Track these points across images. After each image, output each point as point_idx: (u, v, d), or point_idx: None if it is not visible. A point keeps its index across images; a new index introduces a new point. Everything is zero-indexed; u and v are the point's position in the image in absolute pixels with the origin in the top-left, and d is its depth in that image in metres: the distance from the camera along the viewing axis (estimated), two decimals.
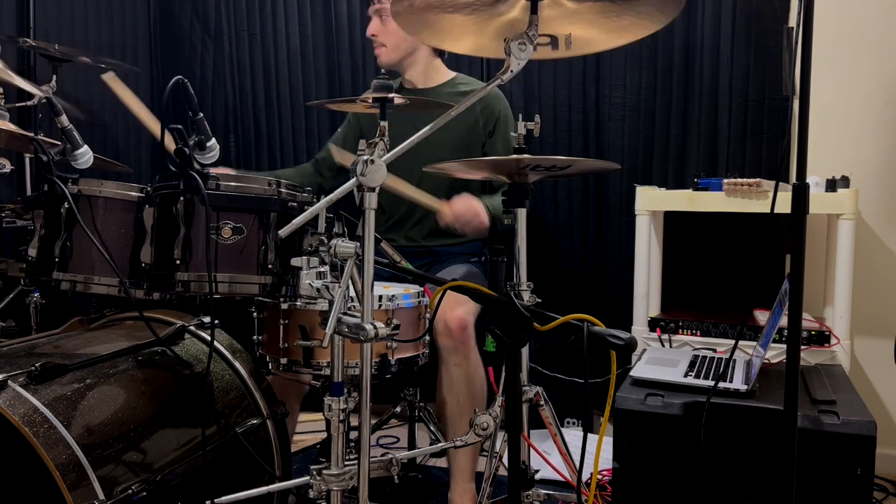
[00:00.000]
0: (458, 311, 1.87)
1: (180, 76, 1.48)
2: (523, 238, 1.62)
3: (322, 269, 1.28)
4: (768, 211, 1.41)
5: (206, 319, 1.71)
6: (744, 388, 1.63)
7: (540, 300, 1.61)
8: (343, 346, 1.34)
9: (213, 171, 1.44)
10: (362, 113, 2.37)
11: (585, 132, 2.66)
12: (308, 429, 2.57)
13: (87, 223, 1.48)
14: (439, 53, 2.36)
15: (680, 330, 2.23)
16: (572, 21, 1.32)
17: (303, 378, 1.79)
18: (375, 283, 1.33)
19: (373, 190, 1.20)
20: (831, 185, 2.10)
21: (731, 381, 1.67)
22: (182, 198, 1.42)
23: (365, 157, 1.18)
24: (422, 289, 1.79)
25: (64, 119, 1.59)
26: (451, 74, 2.39)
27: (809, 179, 1.32)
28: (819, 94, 2.29)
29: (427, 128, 1.24)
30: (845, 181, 2.13)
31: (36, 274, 1.54)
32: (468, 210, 2.03)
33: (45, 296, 2.05)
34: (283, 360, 1.68)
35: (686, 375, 1.75)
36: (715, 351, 2.09)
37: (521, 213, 1.61)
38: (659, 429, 1.63)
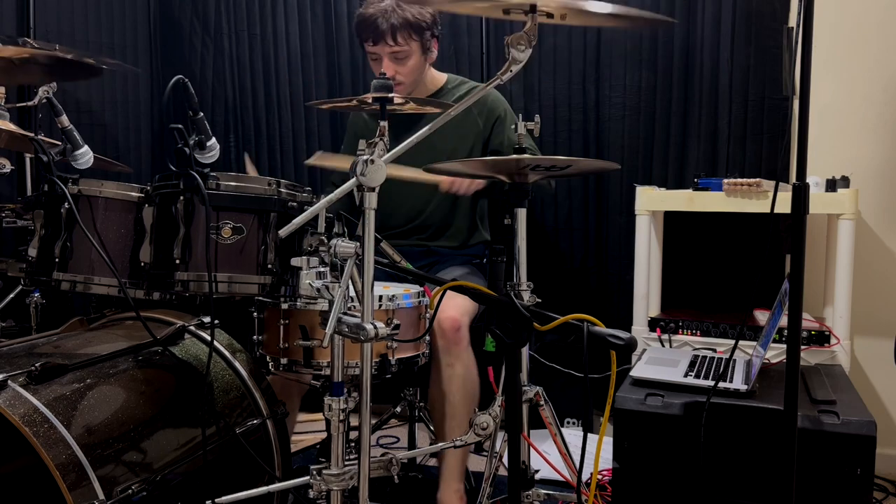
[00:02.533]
0: (451, 311, 1.86)
1: (180, 76, 1.48)
2: (523, 238, 1.62)
3: (322, 269, 1.29)
4: (768, 211, 1.41)
5: (206, 319, 1.71)
6: (744, 388, 1.63)
7: (540, 300, 1.61)
8: (343, 346, 1.34)
9: None
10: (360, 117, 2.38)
11: (585, 132, 2.66)
12: (308, 429, 2.57)
13: (86, 223, 1.48)
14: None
15: (680, 330, 2.22)
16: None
17: (303, 378, 1.79)
18: (375, 283, 1.33)
19: (373, 190, 1.20)
20: (831, 185, 2.10)
21: (731, 381, 1.67)
22: (182, 197, 1.42)
23: (365, 157, 1.19)
24: (422, 289, 1.79)
25: (64, 119, 1.60)
26: (443, 78, 2.33)
27: (809, 179, 1.32)
28: (819, 94, 2.29)
29: (427, 127, 1.24)
30: (845, 181, 2.13)
31: (36, 274, 1.54)
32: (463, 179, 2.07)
33: (45, 296, 2.05)
34: (283, 360, 1.67)
35: (686, 375, 1.75)
36: (715, 351, 2.09)
37: (521, 213, 1.61)
38: (659, 429, 1.63)
